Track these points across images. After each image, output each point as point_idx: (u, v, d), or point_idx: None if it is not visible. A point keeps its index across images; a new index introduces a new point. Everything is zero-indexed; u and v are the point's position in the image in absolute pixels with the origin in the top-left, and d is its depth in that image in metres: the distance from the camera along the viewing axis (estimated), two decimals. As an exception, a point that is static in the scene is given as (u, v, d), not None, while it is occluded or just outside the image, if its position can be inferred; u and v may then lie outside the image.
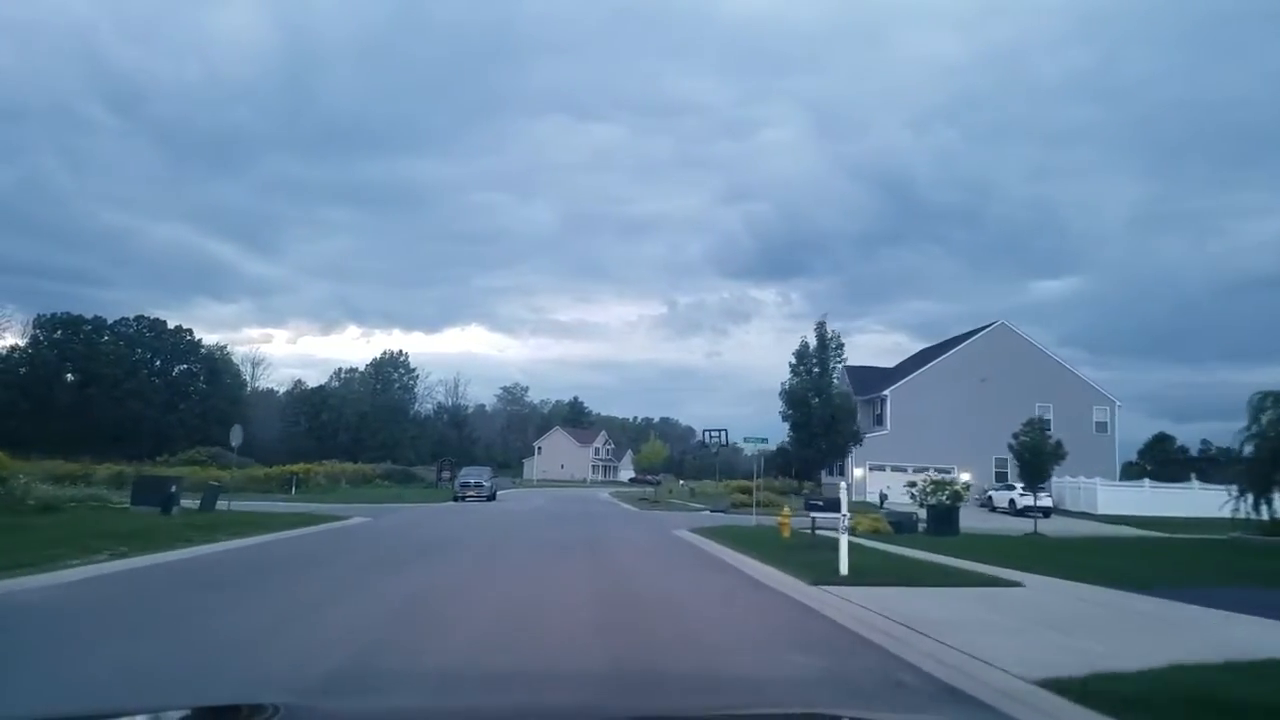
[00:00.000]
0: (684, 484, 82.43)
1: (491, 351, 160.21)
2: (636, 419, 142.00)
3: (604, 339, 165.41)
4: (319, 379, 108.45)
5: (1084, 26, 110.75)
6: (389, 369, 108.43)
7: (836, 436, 17.50)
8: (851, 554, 12.73)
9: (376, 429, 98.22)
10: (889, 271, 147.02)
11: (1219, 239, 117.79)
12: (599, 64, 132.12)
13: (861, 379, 50.28)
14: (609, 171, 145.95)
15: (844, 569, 12.21)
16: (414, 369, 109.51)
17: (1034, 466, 25.14)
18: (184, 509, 24.46)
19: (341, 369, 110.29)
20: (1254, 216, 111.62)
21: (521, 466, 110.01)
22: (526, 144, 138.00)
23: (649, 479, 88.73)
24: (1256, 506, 21.11)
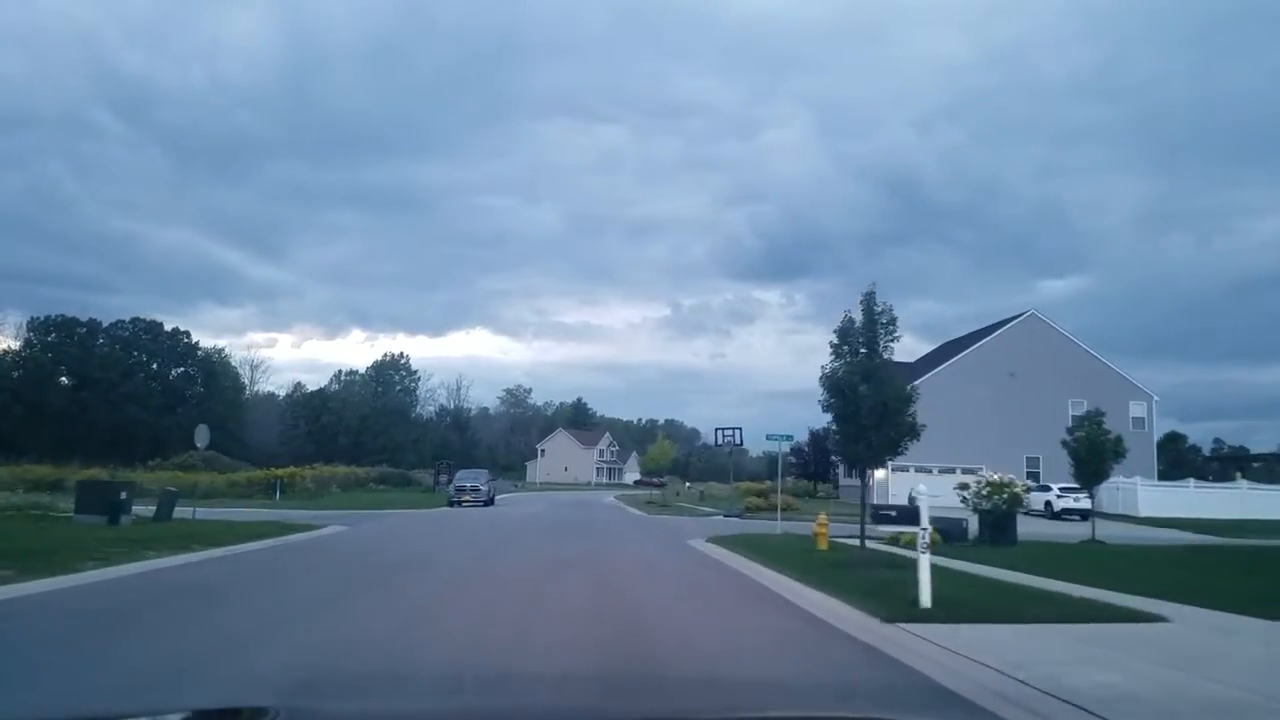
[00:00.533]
0: (690, 486, 79.35)
1: (496, 354, 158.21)
2: (641, 421, 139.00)
3: (608, 341, 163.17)
4: (322, 383, 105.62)
5: (1089, 25, 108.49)
6: (390, 371, 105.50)
7: (891, 429, 14.10)
8: (908, 572, 9.71)
9: (378, 432, 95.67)
10: (894, 272, 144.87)
11: (1225, 237, 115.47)
12: (604, 66, 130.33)
13: (881, 374, 46.82)
14: (614, 173, 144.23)
15: (925, 599, 9.15)
16: (415, 371, 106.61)
17: (1092, 465, 22.02)
18: (138, 518, 21.50)
19: (342, 371, 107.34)
20: (1261, 215, 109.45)
21: (524, 469, 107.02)
22: (532, 147, 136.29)
23: (654, 481, 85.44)
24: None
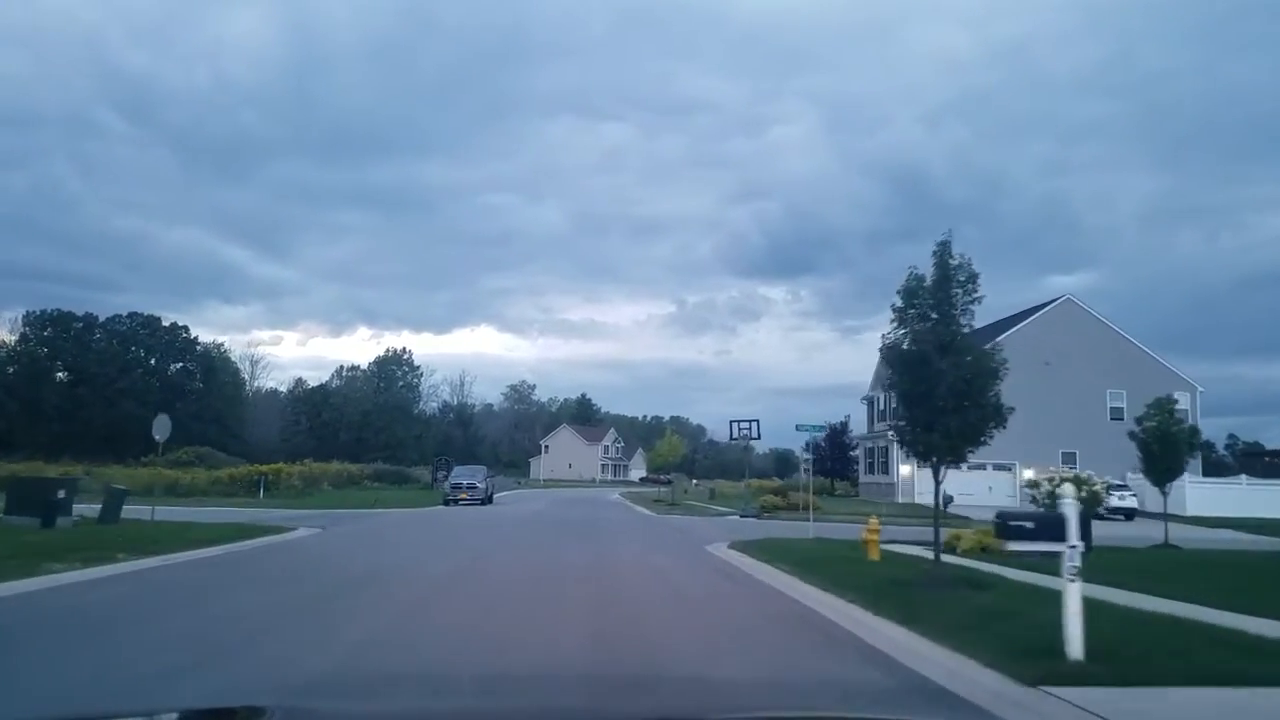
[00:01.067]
0: (697, 483, 76.37)
1: (501, 352, 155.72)
2: (646, 418, 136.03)
3: (613, 338, 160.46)
4: (325, 379, 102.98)
5: (1094, 21, 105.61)
6: (392, 367, 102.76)
7: (974, 413, 10.40)
8: (1005, 595, 6.84)
9: (380, 428, 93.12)
10: (901, 268, 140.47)
11: (1234, 233, 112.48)
12: (609, 64, 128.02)
13: (904, 364, 43.61)
14: (619, 172, 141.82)
15: (1076, 647, 6.23)
16: (418, 367, 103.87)
17: (1165, 460, 19.07)
18: (81, 519, 18.71)
19: (343, 367, 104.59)
20: (1269, 210, 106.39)
21: (528, 466, 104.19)
22: (537, 145, 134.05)
23: (660, 478, 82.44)
24: None
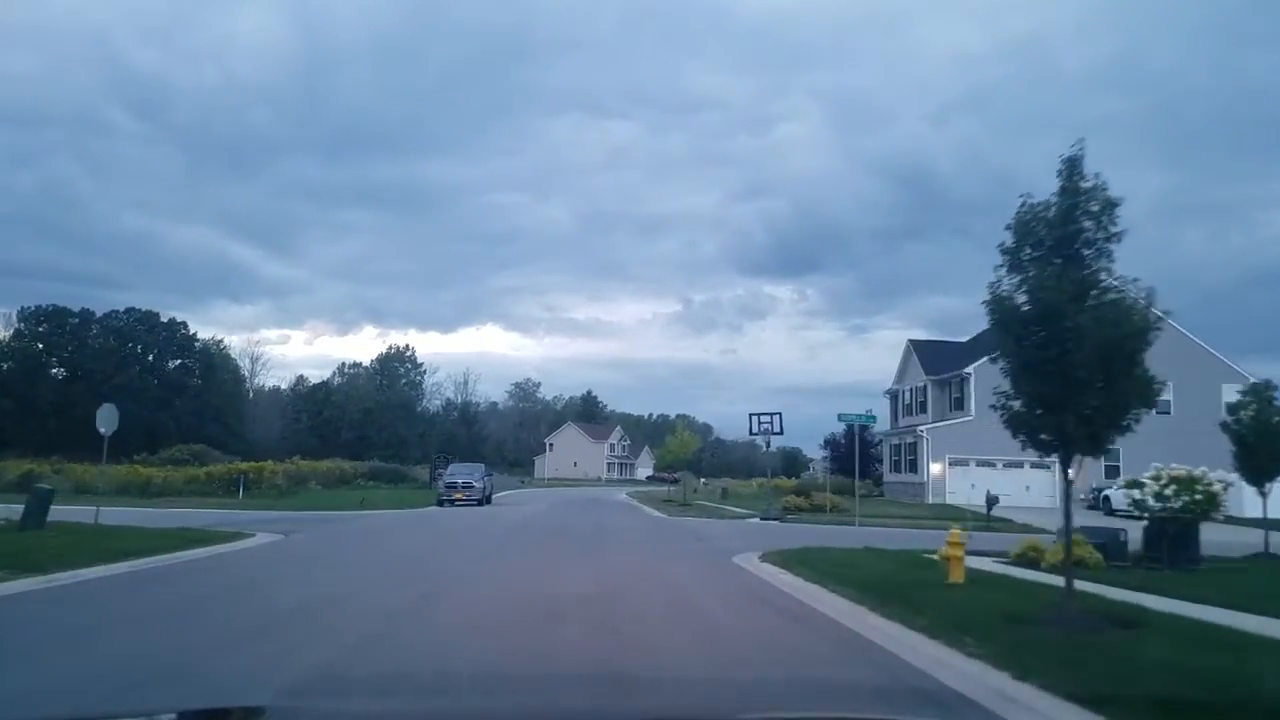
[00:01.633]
0: (704, 482, 73.40)
1: (507, 351, 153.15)
2: (652, 416, 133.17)
3: (619, 337, 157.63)
4: (328, 377, 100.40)
5: (1106, 15, 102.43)
6: (395, 364, 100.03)
7: (1124, 385, 6.20)
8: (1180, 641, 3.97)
9: (382, 426, 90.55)
10: (908, 267, 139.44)
11: (1244, 230, 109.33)
12: (616, 62, 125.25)
13: (930, 355, 40.47)
14: (625, 170, 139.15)
15: None
16: (421, 364, 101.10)
17: (1264, 454, 16.16)
18: (6, 522, 15.92)
19: (345, 364, 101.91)
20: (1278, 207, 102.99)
21: (533, 465, 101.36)
22: (543, 143, 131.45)
23: (668, 477, 79.46)
24: None
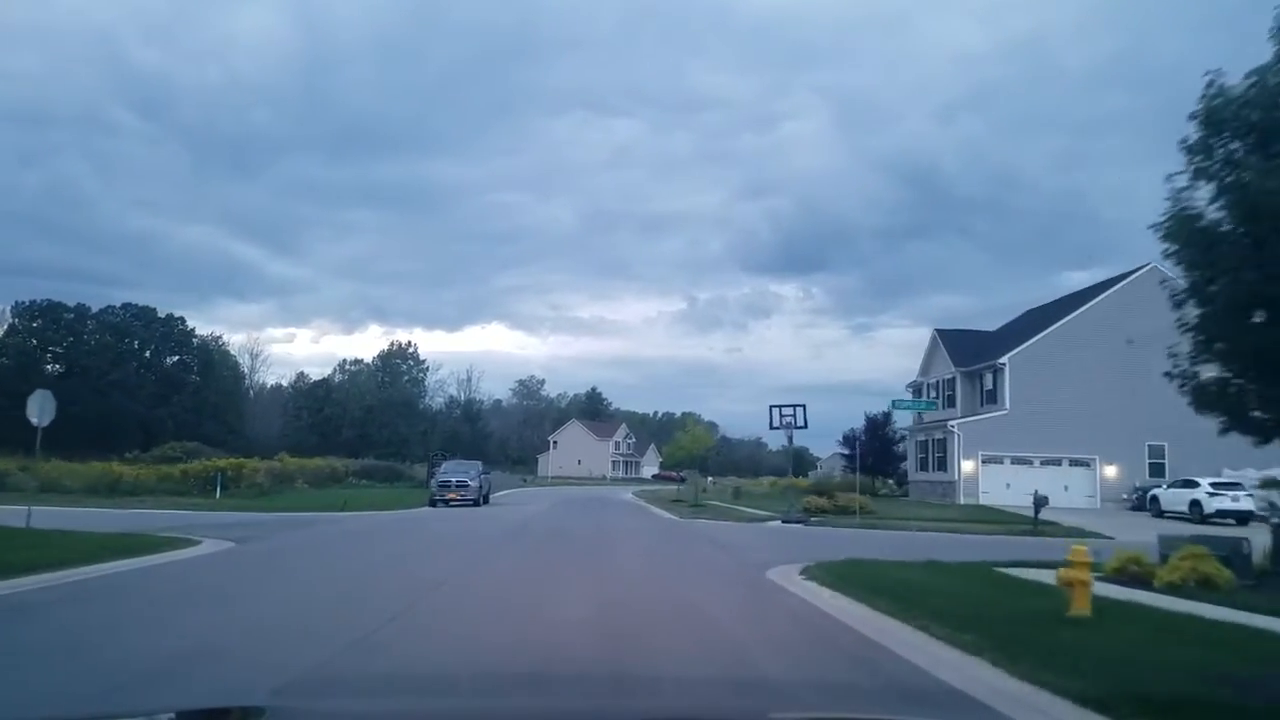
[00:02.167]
0: (713, 480, 70.72)
1: (512, 349, 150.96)
2: (657, 414, 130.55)
3: (623, 335, 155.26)
4: (328, 374, 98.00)
5: (1111, 11, 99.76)
6: (397, 361, 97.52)
7: None
8: None
9: (383, 423, 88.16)
10: (912, 265, 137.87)
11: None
12: (619, 60, 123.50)
13: (958, 345, 37.88)
14: (629, 168, 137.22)
15: None
16: (423, 361, 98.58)
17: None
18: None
19: (346, 361, 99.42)
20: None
21: (536, 463, 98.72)
22: (546, 142, 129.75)
23: (674, 475, 76.72)
24: None
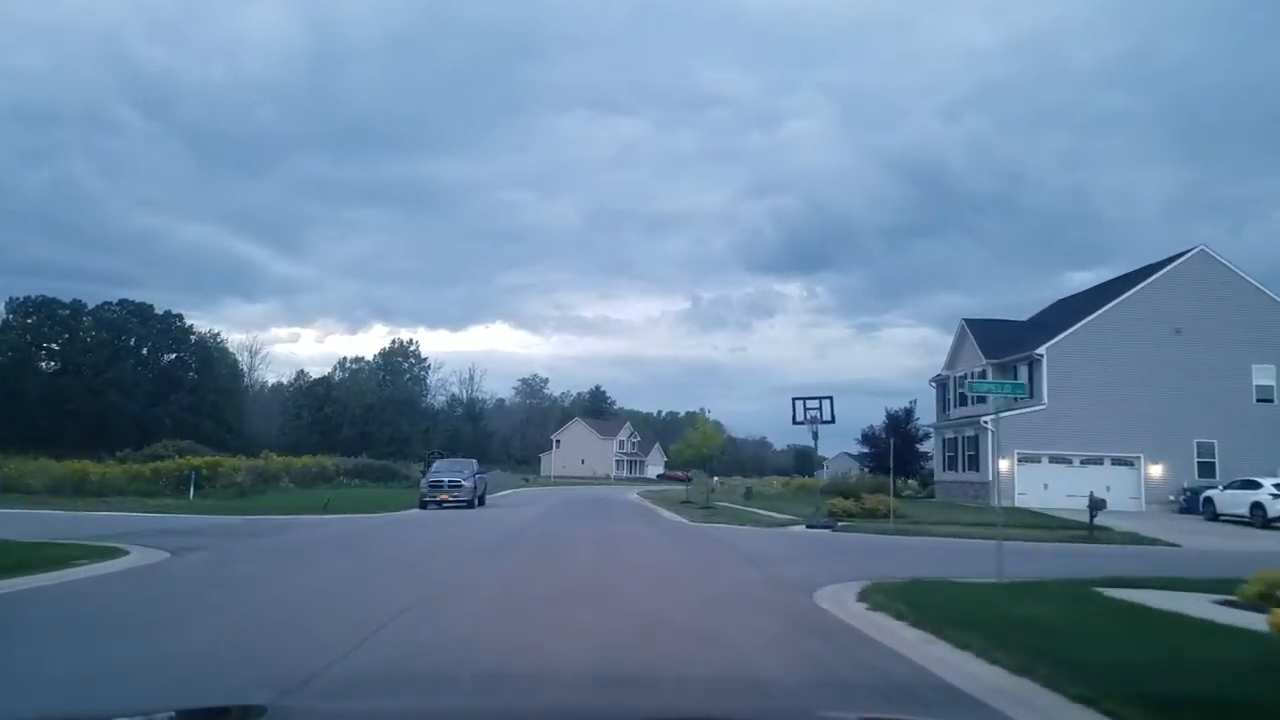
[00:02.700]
0: (720, 481, 68.46)
1: (515, 349, 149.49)
2: (661, 413, 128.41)
3: (627, 335, 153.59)
4: (329, 372, 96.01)
5: (1117, 10, 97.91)
6: (398, 359, 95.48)
7: None
8: None
9: (384, 422, 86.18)
10: (918, 264, 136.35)
11: (1259, 226, 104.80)
12: (624, 58, 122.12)
13: (988, 336, 35.51)
14: (634, 167, 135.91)
15: None
16: (425, 359, 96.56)
17: None
18: None
19: (346, 359, 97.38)
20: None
21: (539, 462, 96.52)
22: (551, 141, 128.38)
23: (680, 475, 74.49)
24: None
